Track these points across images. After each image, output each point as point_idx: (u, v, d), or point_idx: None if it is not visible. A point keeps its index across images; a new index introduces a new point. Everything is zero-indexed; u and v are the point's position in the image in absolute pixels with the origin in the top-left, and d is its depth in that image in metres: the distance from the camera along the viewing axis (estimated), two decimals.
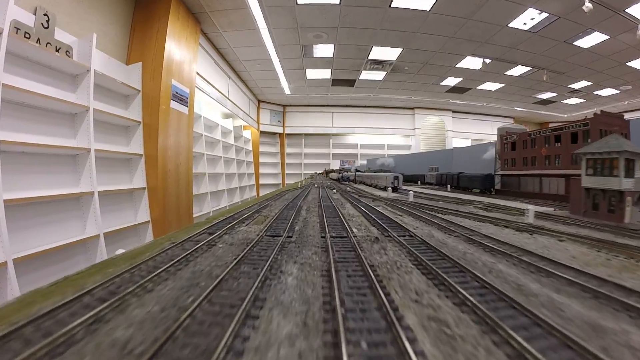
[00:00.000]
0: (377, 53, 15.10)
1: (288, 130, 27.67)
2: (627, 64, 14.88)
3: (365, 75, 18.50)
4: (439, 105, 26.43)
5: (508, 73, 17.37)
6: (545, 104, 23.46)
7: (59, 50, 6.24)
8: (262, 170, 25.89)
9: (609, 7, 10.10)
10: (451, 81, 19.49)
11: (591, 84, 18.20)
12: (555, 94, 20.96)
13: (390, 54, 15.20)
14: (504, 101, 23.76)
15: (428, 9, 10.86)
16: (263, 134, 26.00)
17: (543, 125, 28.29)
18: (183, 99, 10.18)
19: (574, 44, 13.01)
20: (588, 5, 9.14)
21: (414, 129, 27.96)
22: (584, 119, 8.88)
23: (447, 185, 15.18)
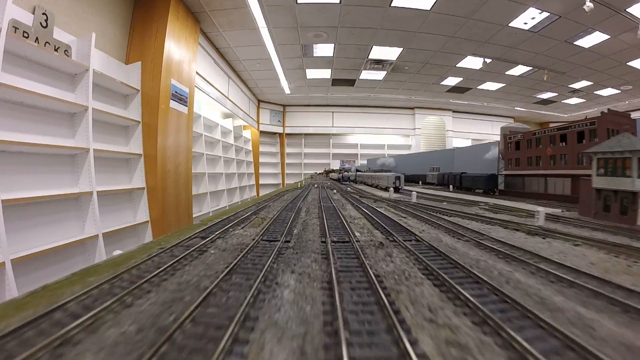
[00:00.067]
0: (377, 52, 15.06)
1: (288, 130, 27.64)
2: (628, 63, 14.86)
3: (365, 75, 18.47)
4: (439, 105, 26.42)
5: (508, 73, 17.34)
6: (545, 103, 23.44)
7: (57, 50, 6.21)
8: (262, 170, 25.87)
9: (610, 7, 10.08)
10: (451, 81, 19.46)
11: (592, 83, 18.18)
12: (556, 94, 20.94)
13: (391, 53, 15.17)
14: (504, 101, 23.74)
15: (428, 8, 10.83)
16: (263, 133, 25.97)
17: (543, 125, 28.27)
18: (182, 99, 10.15)
19: (575, 43, 12.99)
20: (589, 5, 9.12)
21: (414, 129, 27.94)
22: (589, 118, 8.75)
23: (449, 186, 15.06)
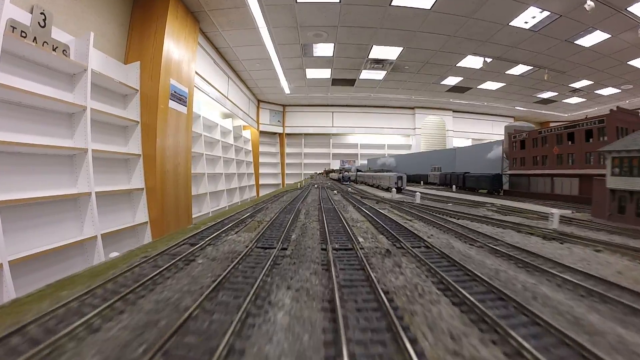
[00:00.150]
0: (377, 52, 15.02)
1: (288, 130, 27.61)
2: (629, 62, 14.83)
3: (365, 74, 18.43)
4: (439, 105, 26.38)
5: (509, 72, 17.30)
6: (546, 103, 23.40)
7: (55, 50, 6.17)
8: (262, 170, 25.85)
9: (611, 6, 10.03)
10: (452, 80, 19.42)
11: (592, 83, 18.15)
12: (556, 93, 20.90)
13: (391, 53, 15.12)
14: (504, 100, 23.69)
15: (429, 7, 10.79)
16: (263, 133, 25.94)
17: (544, 125, 28.21)
18: (182, 99, 10.11)
19: (575, 42, 12.95)
20: (590, 4, 9.09)
21: (414, 129, 27.91)
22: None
23: (452, 186, 14.93)
